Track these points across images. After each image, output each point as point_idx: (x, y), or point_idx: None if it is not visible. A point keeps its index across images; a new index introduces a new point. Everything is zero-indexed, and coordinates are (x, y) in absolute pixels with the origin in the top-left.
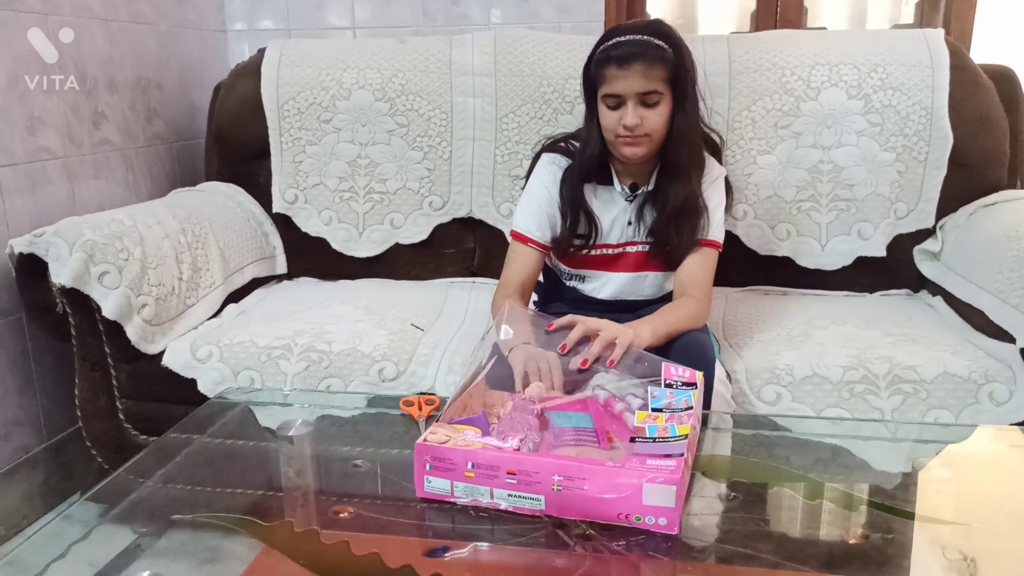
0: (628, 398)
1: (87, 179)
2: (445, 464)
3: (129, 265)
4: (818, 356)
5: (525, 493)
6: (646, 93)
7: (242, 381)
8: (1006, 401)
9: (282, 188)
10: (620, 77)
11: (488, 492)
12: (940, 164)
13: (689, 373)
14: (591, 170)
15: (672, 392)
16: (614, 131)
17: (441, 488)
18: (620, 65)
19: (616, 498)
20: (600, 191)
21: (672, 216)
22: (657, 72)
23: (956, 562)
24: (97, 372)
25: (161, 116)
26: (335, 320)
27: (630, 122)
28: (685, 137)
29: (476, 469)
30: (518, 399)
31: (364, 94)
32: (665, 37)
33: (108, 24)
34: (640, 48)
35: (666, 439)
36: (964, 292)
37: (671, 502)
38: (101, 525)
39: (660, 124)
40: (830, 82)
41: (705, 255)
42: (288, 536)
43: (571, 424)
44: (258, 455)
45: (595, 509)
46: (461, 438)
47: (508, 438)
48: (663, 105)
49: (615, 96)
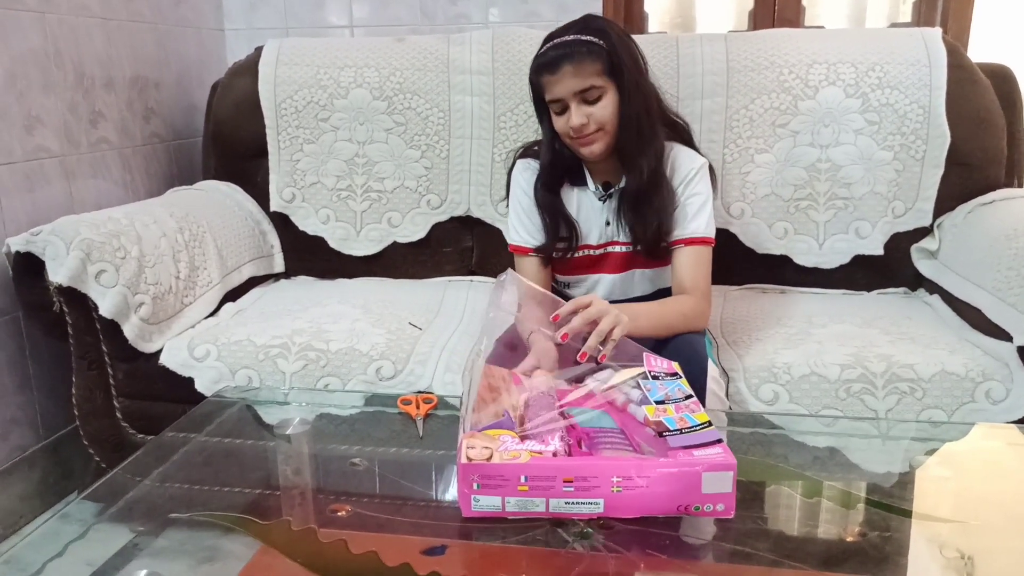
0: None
1: (85, 178)
2: (495, 481)
3: (126, 264)
4: (816, 355)
5: (583, 499)
6: (583, 91)
7: (240, 380)
8: (1003, 399)
9: (280, 187)
10: (555, 82)
11: (544, 503)
12: (938, 163)
13: (667, 364)
14: (556, 176)
15: (662, 383)
16: (567, 134)
17: (491, 506)
18: (551, 71)
19: (676, 490)
20: (576, 193)
21: (632, 204)
22: (590, 67)
23: (954, 560)
24: (94, 371)
25: (159, 115)
26: (333, 319)
27: (575, 123)
28: (632, 124)
29: (530, 482)
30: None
31: (362, 93)
32: (594, 31)
33: (106, 23)
34: (566, 49)
35: (691, 429)
36: (962, 291)
37: (728, 487)
38: (98, 524)
39: (609, 116)
40: (828, 81)
41: (696, 252)
42: (286, 535)
43: (595, 424)
44: (256, 454)
45: (654, 505)
46: (502, 448)
47: (546, 440)
48: (607, 98)
49: (557, 101)
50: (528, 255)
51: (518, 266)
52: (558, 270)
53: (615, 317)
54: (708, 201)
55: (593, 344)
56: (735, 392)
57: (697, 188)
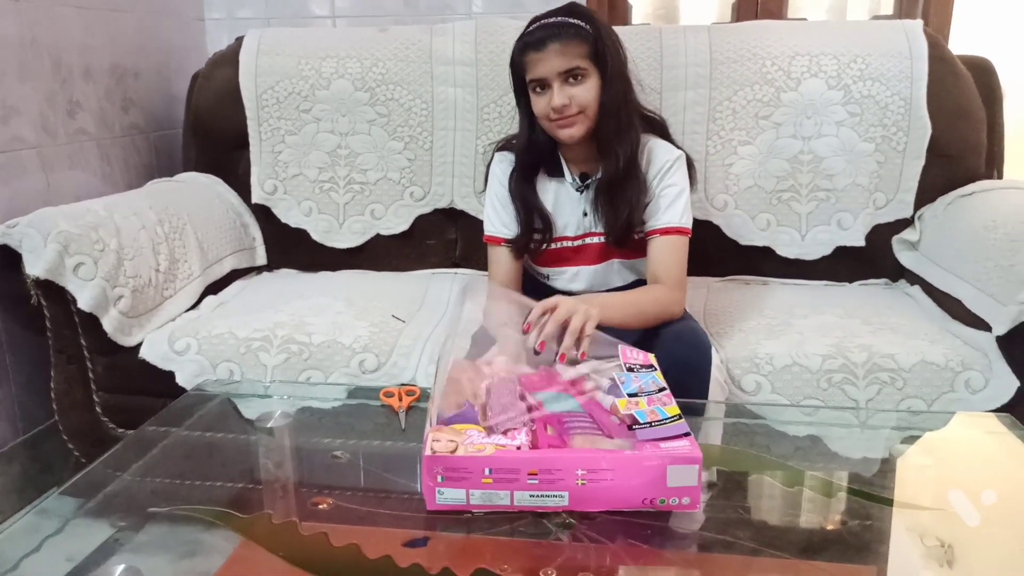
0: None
1: (62, 169)
2: (459, 474)
3: (105, 256)
4: (798, 345)
5: (548, 491)
6: (568, 71)
7: (221, 373)
8: (982, 388)
9: (261, 179)
10: (540, 60)
11: (508, 496)
12: (919, 154)
13: (642, 356)
14: (534, 163)
15: (636, 376)
16: (546, 115)
17: (455, 498)
18: (537, 48)
19: (641, 484)
20: (553, 183)
21: (607, 192)
22: (576, 49)
23: (934, 548)
24: (73, 365)
25: (138, 105)
26: (315, 312)
27: (557, 102)
28: (612, 111)
29: (495, 474)
30: (494, 381)
31: (344, 83)
32: (580, 16)
33: (84, 11)
34: (554, 29)
35: (661, 422)
36: (942, 281)
37: (693, 480)
38: (77, 519)
39: (590, 99)
40: (810, 72)
41: (671, 242)
42: (267, 528)
43: (562, 407)
44: (237, 447)
45: (619, 498)
46: (467, 441)
47: (513, 433)
48: (590, 80)
49: (539, 80)
50: (501, 245)
51: (491, 256)
52: (538, 261)
53: (584, 313)
54: (683, 192)
55: (569, 344)
56: None
57: (672, 179)
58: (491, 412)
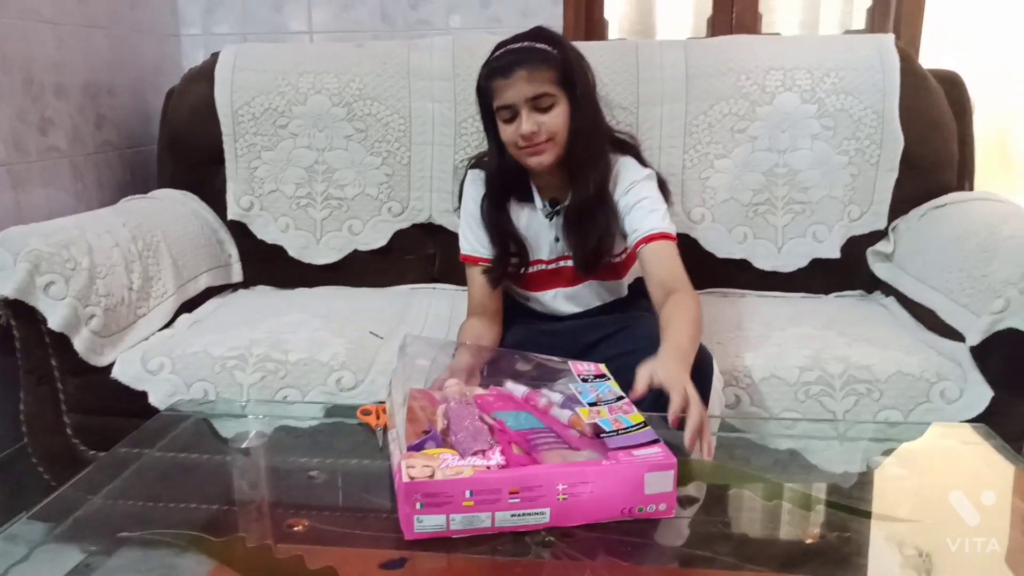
0: (545, 392)
1: (34, 187)
2: (439, 499)
3: (76, 275)
4: (776, 357)
5: (529, 509)
6: (536, 97)
7: (195, 393)
8: (957, 399)
9: (237, 195)
10: (506, 87)
11: (489, 517)
12: (892, 167)
13: (594, 367)
14: (504, 189)
15: (591, 386)
16: (515, 143)
17: (435, 525)
18: (504, 75)
19: (620, 494)
20: (524, 209)
21: (576, 218)
22: (543, 75)
23: (912, 558)
24: (44, 386)
25: (112, 122)
26: (292, 329)
27: (526, 129)
28: (582, 137)
29: (476, 496)
30: (452, 403)
31: (321, 99)
32: (547, 40)
33: (57, 27)
34: (521, 54)
35: (627, 430)
36: (916, 292)
37: (669, 486)
38: (46, 544)
39: (560, 126)
40: (784, 87)
41: (665, 247)
42: (241, 552)
43: (526, 425)
44: (211, 468)
45: (599, 510)
46: (443, 465)
47: (488, 454)
48: (559, 107)
49: (507, 107)
50: (478, 264)
51: (468, 275)
52: (518, 285)
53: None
54: (656, 203)
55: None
56: None
57: (643, 192)
58: (455, 437)
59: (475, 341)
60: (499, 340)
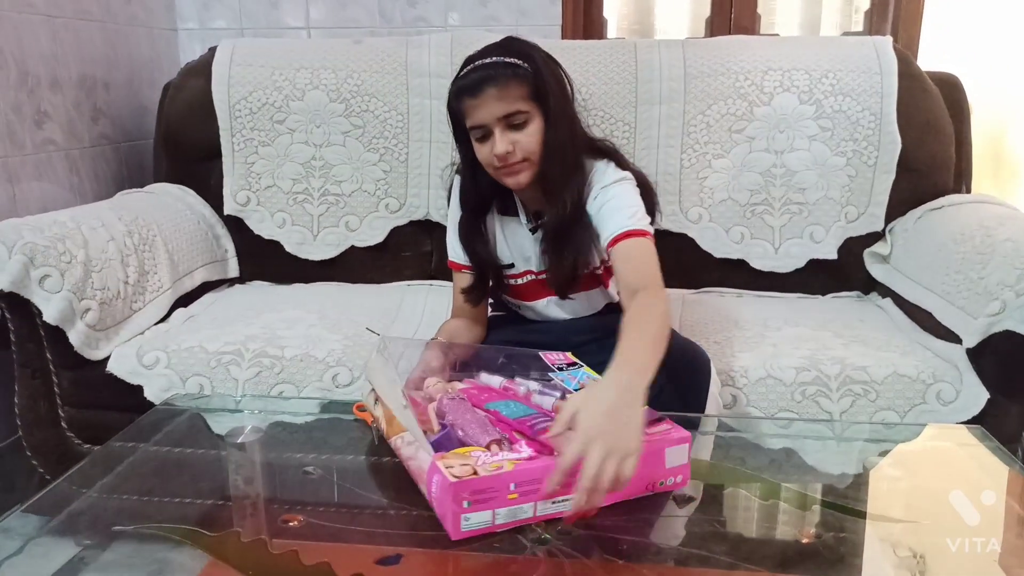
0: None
1: (29, 181)
2: (486, 495)
3: (72, 268)
4: (772, 358)
5: (568, 495)
6: (508, 115)
7: (191, 388)
8: (952, 400)
9: (234, 190)
10: (477, 106)
11: (532, 508)
12: (889, 168)
13: (563, 356)
14: (481, 207)
15: (569, 374)
16: (491, 164)
17: (481, 522)
18: (473, 94)
19: (644, 470)
20: (508, 223)
21: (552, 237)
22: (514, 91)
23: (906, 559)
24: (38, 379)
25: (108, 116)
26: (288, 325)
27: (500, 150)
28: (557, 153)
29: (519, 488)
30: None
31: (318, 95)
32: (517, 53)
33: (52, 20)
34: (489, 71)
35: None
36: (912, 294)
37: (684, 459)
38: (39, 538)
39: (534, 144)
40: (782, 87)
41: (631, 245)
42: (235, 547)
43: (519, 413)
44: (206, 463)
45: (628, 487)
46: (480, 462)
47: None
48: (533, 123)
49: (479, 127)
50: (463, 271)
51: (456, 281)
52: (509, 295)
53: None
54: (627, 200)
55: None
56: None
57: (609, 194)
58: (464, 431)
59: (451, 339)
60: (480, 340)
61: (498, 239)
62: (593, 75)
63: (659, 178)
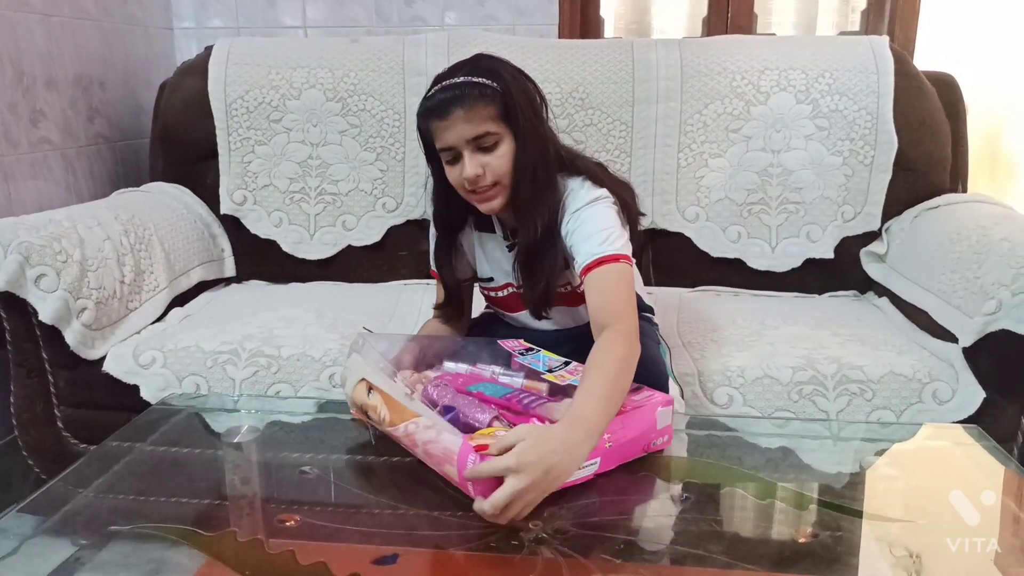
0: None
1: (24, 180)
2: None
3: (68, 268)
4: (769, 357)
5: (586, 462)
6: (477, 137)
7: (187, 387)
8: (949, 400)
9: (230, 189)
10: (445, 128)
11: None
12: (885, 168)
13: (518, 342)
14: (455, 227)
15: (532, 357)
16: (461, 186)
17: None
18: (440, 116)
19: (641, 432)
20: (485, 238)
21: (524, 261)
22: (482, 112)
23: (902, 558)
24: (34, 379)
25: (104, 115)
26: (285, 324)
27: (469, 173)
28: (528, 175)
29: None
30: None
31: (315, 94)
32: (486, 72)
33: (48, 19)
34: (455, 92)
35: None
36: (909, 293)
37: (669, 420)
38: (35, 538)
39: (505, 167)
40: (779, 87)
41: (601, 274)
42: (232, 546)
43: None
44: (203, 463)
45: (630, 451)
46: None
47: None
48: (503, 145)
49: (448, 149)
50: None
51: (437, 287)
52: (495, 305)
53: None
54: (603, 225)
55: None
56: (691, 396)
57: (582, 217)
58: (463, 413)
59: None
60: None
61: (477, 254)
62: (590, 74)
63: (656, 177)
